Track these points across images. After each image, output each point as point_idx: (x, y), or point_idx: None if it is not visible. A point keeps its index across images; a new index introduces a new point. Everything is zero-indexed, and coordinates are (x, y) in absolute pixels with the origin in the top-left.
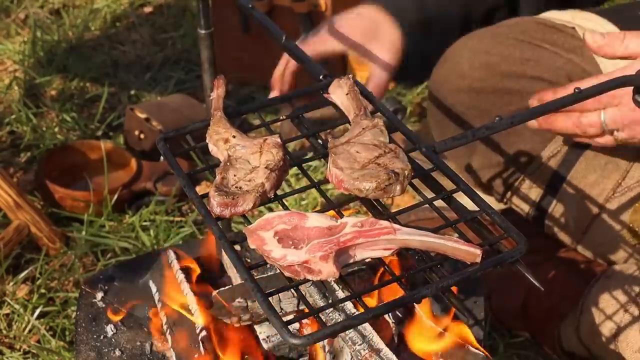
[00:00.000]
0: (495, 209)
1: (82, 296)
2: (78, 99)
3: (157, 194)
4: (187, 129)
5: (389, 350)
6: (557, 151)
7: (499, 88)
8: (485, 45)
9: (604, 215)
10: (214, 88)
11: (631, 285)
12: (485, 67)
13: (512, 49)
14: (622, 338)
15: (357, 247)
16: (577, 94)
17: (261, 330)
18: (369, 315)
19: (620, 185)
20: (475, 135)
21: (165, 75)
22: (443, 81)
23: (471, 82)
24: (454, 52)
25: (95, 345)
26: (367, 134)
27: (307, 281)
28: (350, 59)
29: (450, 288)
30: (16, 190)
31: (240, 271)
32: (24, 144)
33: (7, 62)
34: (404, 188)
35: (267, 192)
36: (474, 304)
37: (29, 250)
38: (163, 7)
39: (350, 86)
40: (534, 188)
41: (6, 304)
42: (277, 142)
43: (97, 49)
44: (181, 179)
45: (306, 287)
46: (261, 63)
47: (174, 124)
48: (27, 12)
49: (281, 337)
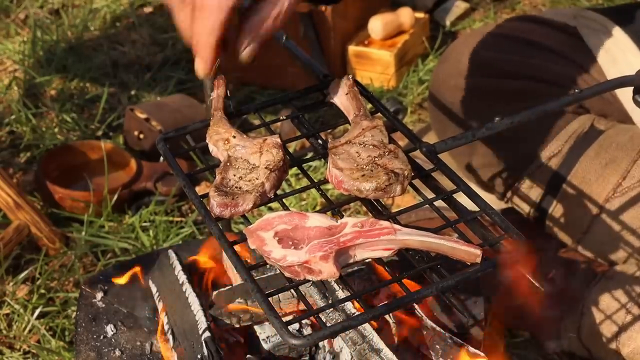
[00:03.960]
0: (495, 209)
1: (82, 296)
2: (78, 99)
3: (157, 194)
4: (187, 129)
5: (389, 350)
6: (558, 151)
7: (499, 87)
8: (486, 44)
9: (604, 215)
10: (214, 88)
11: (632, 285)
12: (486, 66)
13: (514, 48)
14: (623, 339)
15: (357, 247)
16: (577, 94)
17: (261, 331)
18: (369, 316)
19: (621, 185)
20: (475, 136)
21: (165, 75)
22: (444, 79)
23: (472, 80)
24: (455, 50)
25: (95, 345)
26: (367, 134)
27: (307, 281)
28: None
29: (450, 288)
30: (16, 190)
31: (240, 271)
32: (24, 144)
33: (6, 62)
34: (404, 188)
35: (267, 192)
36: (474, 304)
37: (29, 251)
38: (163, 7)
39: (350, 86)
40: (534, 187)
41: (6, 304)
42: (277, 142)
43: (97, 49)
44: (181, 179)
45: (306, 287)
46: (261, 63)
47: (173, 124)
48: (27, 12)
49: (281, 338)
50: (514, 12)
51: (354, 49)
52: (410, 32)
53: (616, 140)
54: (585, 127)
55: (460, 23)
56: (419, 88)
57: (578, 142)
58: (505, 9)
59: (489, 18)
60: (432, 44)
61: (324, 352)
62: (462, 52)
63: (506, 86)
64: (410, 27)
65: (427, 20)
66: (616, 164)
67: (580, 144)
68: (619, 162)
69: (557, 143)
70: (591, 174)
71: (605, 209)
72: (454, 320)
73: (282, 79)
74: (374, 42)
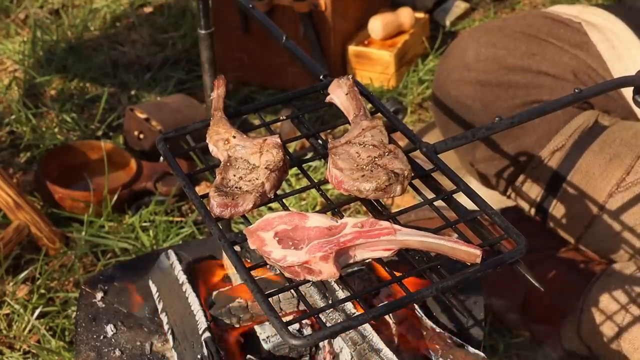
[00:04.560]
0: (495, 209)
1: (82, 296)
2: (78, 99)
3: (157, 194)
4: (187, 130)
5: (389, 350)
6: (562, 145)
7: (504, 81)
8: (491, 38)
9: (607, 210)
10: (214, 88)
11: (632, 283)
12: (491, 60)
13: (519, 42)
14: (623, 336)
15: (357, 247)
16: (577, 94)
17: (261, 331)
18: (369, 316)
19: (624, 180)
20: (475, 135)
21: (165, 75)
22: (448, 73)
23: (476, 74)
24: (460, 44)
25: (95, 345)
26: (366, 135)
27: (307, 282)
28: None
29: (450, 288)
30: (16, 190)
31: (240, 272)
32: (24, 144)
33: (6, 62)
34: (404, 188)
35: (267, 192)
36: (474, 304)
37: (29, 251)
38: (163, 7)
39: (349, 86)
40: (537, 181)
41: (6, 304)
42: (277, 142)
43: (97, 49)
44: (181, 179)
45: (306, 288)
46: (261, 63)
47: (173, 124)
48: (27, 12)
49: (281, 338)
50: (513, 12)
51: (354, 49)
52: (410, 32)
53: (620, 136)
54: (590, 123)
55: (460, 23)
56: (419, 88)
57: (582, 136)
58: (505, 8)
59: (489, 18)
60: (432, 44)
61: (324, 352)
62: (467, 46)
63: (511, 80)
64: (410, 27)
65: (427, 20)
66: (620, 159)
67: (584, 139)
68: (622, 158)
69: (561, 137)
70: (595, 168)
71: (608, 203)
72: (454, 320)
73: (282, 79)
74: (374, 42)
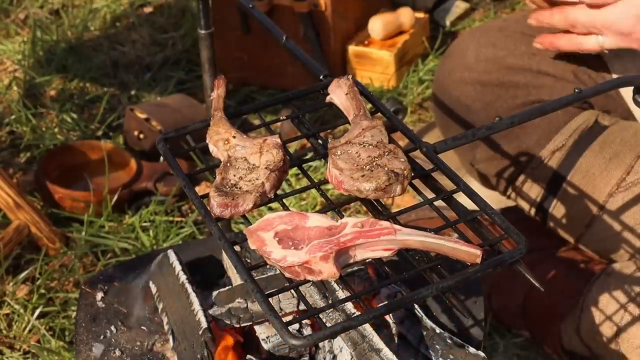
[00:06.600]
0: (495, 209)
1: (82, 296)
2: (78, 100)
3: (157, 194)
4: (187, 130)
5: (389, 350)
6: (562, 144)
7: (504, 81)
8: (491, 38)
9: (607, 210)
10: (214, 88)
11: (631, 283)
12: (492, 60)
13: (519, 42)
14: (623, 336)
15: (357, 247)
16: (577, 94)
17: (261, 331)
18: (369, 316)
19: (625, 180)
20: (475, 136)
21: (165, 75)
22: (449, 73)
23: (477, 74)
24: (461, 44)
25: (95, 345)
26: (366, 135)
27: (307, 282)
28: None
29: (450, 288)
30: (16, 190)
31: (240, 272)
32: (24, 144)
33: (6, 62)
34: (404, 188)
35: (267, 192)
36: (474, 304)
37: (29, 251)
38: (163, 7)
39: (349, 86)
40: (538, 181)
41: (6, 304)
42: (277, 142)
43: (97, 49)
44: (181, 179)
45: (306, 288)
46: (261, 63)
47: (174, 124)
48: (27, 12)
49: (281, 338)
50: (513, 12)
51: (354, 49)
52: (410, 32)
53: (620, 135)
54: (590, 122)
55: (460, 23)
56: (419, 88)
57: (582, 136)
58: (505, 9)
59: (489, 18)
60: (432, 44)
61: (324, 352)
62: (467, 46)
63: (511, 80)
64: (410, 27)
65: (427, 20)
66: (620, 158)
67: (584, 139)
68: (622, 157)
69: (562, 137)
70: (595, 167)
71: (608, 203)
72: (454, 320)
73: (282, 79)
74: (374, 42)
